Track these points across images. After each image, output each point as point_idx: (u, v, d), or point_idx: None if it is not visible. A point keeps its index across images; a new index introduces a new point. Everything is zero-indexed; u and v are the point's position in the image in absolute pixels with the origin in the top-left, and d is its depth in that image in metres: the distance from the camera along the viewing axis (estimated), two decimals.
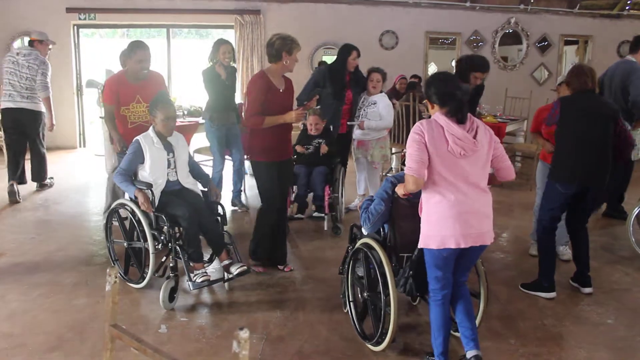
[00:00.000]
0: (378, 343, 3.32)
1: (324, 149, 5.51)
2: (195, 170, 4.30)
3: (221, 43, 5.90)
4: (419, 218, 3.21)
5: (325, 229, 5.58)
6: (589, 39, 10.62)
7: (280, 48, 4.16)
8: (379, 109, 5.84)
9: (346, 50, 5.72)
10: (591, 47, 10.59)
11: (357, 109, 6.00)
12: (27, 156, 6.77)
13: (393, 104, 6.28)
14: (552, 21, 10.45)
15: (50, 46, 6.69)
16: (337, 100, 5.71)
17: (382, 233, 3.44)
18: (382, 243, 3.38)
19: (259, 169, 4.33)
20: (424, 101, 3.04)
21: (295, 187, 5.54)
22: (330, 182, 5.54)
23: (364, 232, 3.57)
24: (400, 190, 3.18)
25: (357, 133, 6.00)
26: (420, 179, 2.89)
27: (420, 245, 3.01)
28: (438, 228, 2.91)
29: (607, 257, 5.02)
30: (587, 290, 4.27)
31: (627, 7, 10.39)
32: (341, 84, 5.72)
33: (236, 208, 6.29)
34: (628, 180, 6.03)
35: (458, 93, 2.93)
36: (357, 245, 3.55)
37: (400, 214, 3.29)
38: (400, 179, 3.26)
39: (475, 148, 2.88)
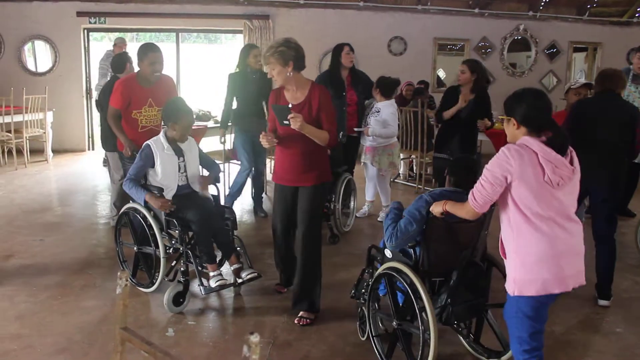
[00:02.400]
0: None
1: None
2: (205, 161, 4.33)
3: (253, 47, 5.99)
4: (456, 240, 3.02)
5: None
6: (598, 46, 10.58)
7: None
8: (382, 117, 5.86)
9: (337, 48, 5.76)
10: (600, 55, 10.56)
11: (365, 113, 6.02)
12: None
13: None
14: (562, 28, 10.42)
15: (124, 48, 7.93)
16: (339, 100, 5.64)
17: (414, 256, 3.12)
18: (413, 267, 3.07)
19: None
20: (505, 117, 2.62)
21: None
22: (329, 191, 5.32)
23: (388, 249, 3.26)
24: (437, 209, 2.90)
25: (366, 139, 6.01)
26: (480, 214, 2.64)
27: (512, 292, 2.55)
28: (538, 270, 2.47)
29: (616, 266, 4.94)
30: (602, 302, 4.19)
31: (637, 15, 10.35)
32: (339, 84, 5.68)
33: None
34: (636, 181, 6.13)
35: (552, 121, 2.56)
36: (382, 269, 3.23)
37: (434, 236, 3.02)
38: (436, 197, 3.04)
39: (571, 175, 2.49)
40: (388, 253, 3.28)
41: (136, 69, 5.27)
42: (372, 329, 3.39)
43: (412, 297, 2.94)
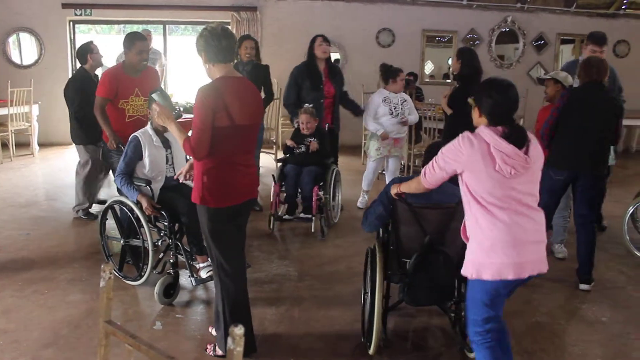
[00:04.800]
0: (368, 346, 3.26)
1: (313, 145, 5.38)
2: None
3: (245, 38, 5.89)
4: (421, 224, 3.11)
5: (312, 230, 5.34)
6: (585, 38, 10.60)
7: None
8: (410, 105, 6.07)
9: (311, 41, 5.74)
10: None
11: (368, 106, 5.98)
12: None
13: None
14: (549, 20, 10.45)
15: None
16: (317, 93, 5.64)
17: (385, 237, 3.37)
18: (384, 246, 3.30)
19: None
20: (472, 103, 2.66)
21: (283, 187, 5.43)
22: (321, 183, 5.36)
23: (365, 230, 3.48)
24: (393, 191, 3.07)
25: (393, 131, 5.92)
26: (428, 189, 2.80)
27: (469, 275, 2.59)
28: (493, 256, 2.51)
29: (602, 256, 5.02)
30: (582, 287, 4.29)
31: (623, 7, 10.40)
32: (315, 75, 5.66)
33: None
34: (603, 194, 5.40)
35: (514, 115, 2.60)
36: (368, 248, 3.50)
37: (401, 218, 3.16)
38: (405, 181, 3.14)
39: (527, 165, 2.50)
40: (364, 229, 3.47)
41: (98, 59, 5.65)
42: (364, 298, 3.52)
43: (370, 268, 3.22)
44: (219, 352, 3.22)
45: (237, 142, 3.04)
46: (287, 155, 5.58)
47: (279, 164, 5.71)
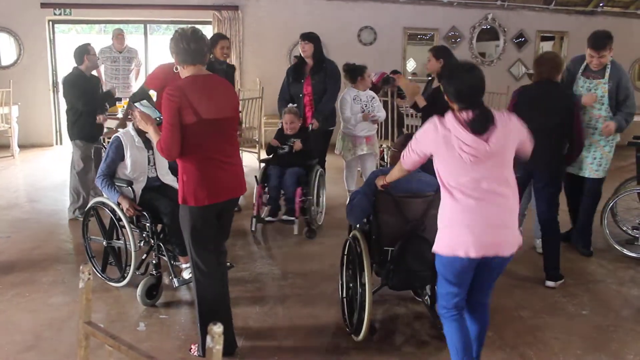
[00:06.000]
0: (357, 333, 3.35)
1: (297, 145, 5.32)
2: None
3: (220, 38, 5.87)
4: (403, 213, 3.24)
5: (295, 233, 5.31)
6: (564, 35, 10.73)
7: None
8: (378, 102, 6.10)
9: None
10: (567, 43, 10.71)
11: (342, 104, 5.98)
12: None
13: None
14: (529, 17, 10.54)
15: (125, 39, 8.48)
16: (296, 85, 5.76)
17: (367, 226, 3.48)
18: (366, 236, 3.41)
19: None
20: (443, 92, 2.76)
21: (266, 189, 5.35)
22: (304, 184, 5.29)
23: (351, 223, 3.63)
24: (379, 182, 3.20)
25: (363, 129, 5.95)
26: (409, 171, 2.93)
27: (433, 249, 2.75)
28: (448, 234, 2.65)
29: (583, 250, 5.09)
30: (548, 283, 4.30)
31: (600, 4, 10.52)
32: (298, 72, 5.80)
33: None
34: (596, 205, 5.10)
35: (481, 100, 2.62)
36: (348, 237, 3.60)
37: (383, 208, 3.30)
38: (387, 172, 3.25)
39: (487, 151, 2.54)
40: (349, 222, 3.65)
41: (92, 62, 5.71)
42: (342, 288, 3.68)
43: (357, 260, 3.35)
44: None
45: (211, 138, 3.04)
46: (270, 156, 5.50)
47: (262, 164, 5.62)
